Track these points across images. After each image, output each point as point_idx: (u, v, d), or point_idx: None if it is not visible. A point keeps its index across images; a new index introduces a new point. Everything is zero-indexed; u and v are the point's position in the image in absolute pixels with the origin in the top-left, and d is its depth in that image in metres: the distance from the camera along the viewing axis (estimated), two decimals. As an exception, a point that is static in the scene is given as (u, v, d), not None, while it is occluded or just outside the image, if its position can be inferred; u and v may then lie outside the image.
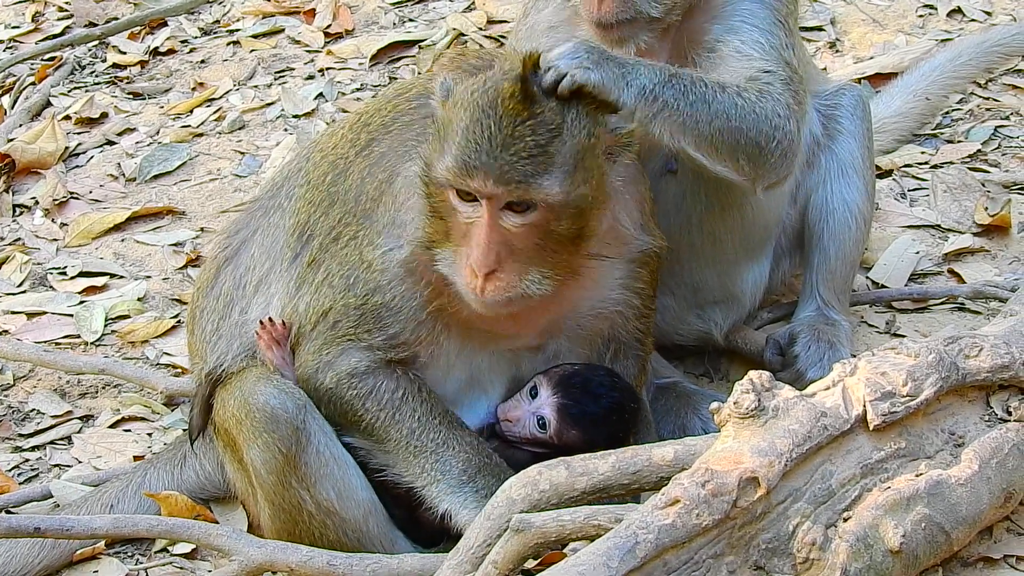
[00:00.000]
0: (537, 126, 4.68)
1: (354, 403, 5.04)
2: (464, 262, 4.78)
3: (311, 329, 5.10)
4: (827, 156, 5.91)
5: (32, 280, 7.14)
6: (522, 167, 4.65)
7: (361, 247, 5.02)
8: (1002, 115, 7.42)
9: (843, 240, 5.93)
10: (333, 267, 5.07)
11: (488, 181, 4.66)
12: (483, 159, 4.65)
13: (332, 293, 5.04)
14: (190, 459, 5.62)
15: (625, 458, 4.50)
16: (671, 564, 4.11)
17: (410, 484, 5.05)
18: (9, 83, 8.85)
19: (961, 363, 4.49)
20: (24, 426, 6.21)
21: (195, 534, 5.07)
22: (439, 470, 4.98)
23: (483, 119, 4.66)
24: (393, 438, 5.02)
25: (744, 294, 6.00)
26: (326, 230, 5.13)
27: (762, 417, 4.28)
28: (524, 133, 4.66)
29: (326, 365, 5.06)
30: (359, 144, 5.16)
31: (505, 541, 4.32)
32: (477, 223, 4.74)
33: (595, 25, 5.26)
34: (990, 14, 8.14)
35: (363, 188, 5.07)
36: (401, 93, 5.24)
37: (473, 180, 4.67)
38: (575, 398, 5.14)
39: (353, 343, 5.03)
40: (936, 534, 4.29)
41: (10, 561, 5.39)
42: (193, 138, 8.08)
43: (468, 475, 4.96)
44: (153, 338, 6.63)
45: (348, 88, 8.30)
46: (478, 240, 4.73)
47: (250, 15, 9.15)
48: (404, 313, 5.00)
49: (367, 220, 5.04)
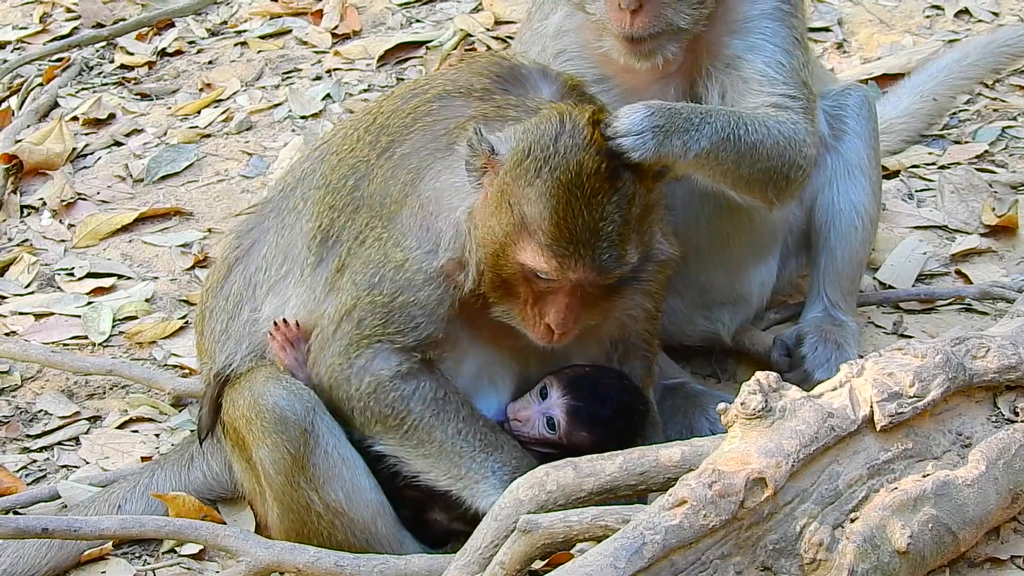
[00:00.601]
0: (621, 201, 4.73)
1: (396, 405, 5.01)
2: (534, 318, 4.87)
3: (334, 330, 5.06)
4: (833, 157, 5.91)
5: (40, 281, 7.14)
6: (615, 251, 4.72)
7: (386, 247, 5.01)
8: (1009, 116, 7.42)
9: (850, 241, 5.93)
10: (358, 266, 5.04)
11: (587, 272, 4.73)
12: (580, 251, 4.69)
13: (356, 291, 5.02)
14: (197, 460, 5.63)
15: (632, 459, 4.50)
16: (678, 565, 4.11)
17: (449, 487, 5.03)
18: (17, 84, 8.86)
19: (968, 364, 4.48)
20: (32, 427, 6.22)
21: (203, 535, 5.07)
22: (488, 468, 4.98)
23: (572, 203, 4.67)
24: (437, 439, 5.00)
25: (752, 295, 5.99)
26: (353, 235, 5.11)
27: (769, 418, 4.28)
28: (611, 212, 4.71)
29: (361, 369, 5.02)
30: (379, 147, 5.14)
31: (512, 542, 4.32)
32: (553, 294, 4.82)
33: (625, 39, 5.25)
34: (997, 15, 8.13)
35: (387, 191, 5.07)
36: (418, 94, 5.22)
37: (572, 272, 4.73)
38: (585, 400, 5.15)
39: (383, 344, 5.01)
40: (943, 535, 4.29)
41: (18, 562, 5.40)
42: (201, 139, 8.09)
43: (512, 473, 4.93)
44: (161, 339, 6.64)
45: (355, 89, 8.30)
46: (558, 308, 4.82)
47: (257, 16, 9.16)
48: (437, 313, 4.99)
49: (392, 222, 5.03)
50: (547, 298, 4.83)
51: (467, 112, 5.06)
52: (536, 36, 5.58)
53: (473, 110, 5.04)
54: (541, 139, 4.75)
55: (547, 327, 4.84)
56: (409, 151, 5.08)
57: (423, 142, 5.08)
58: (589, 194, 4.67)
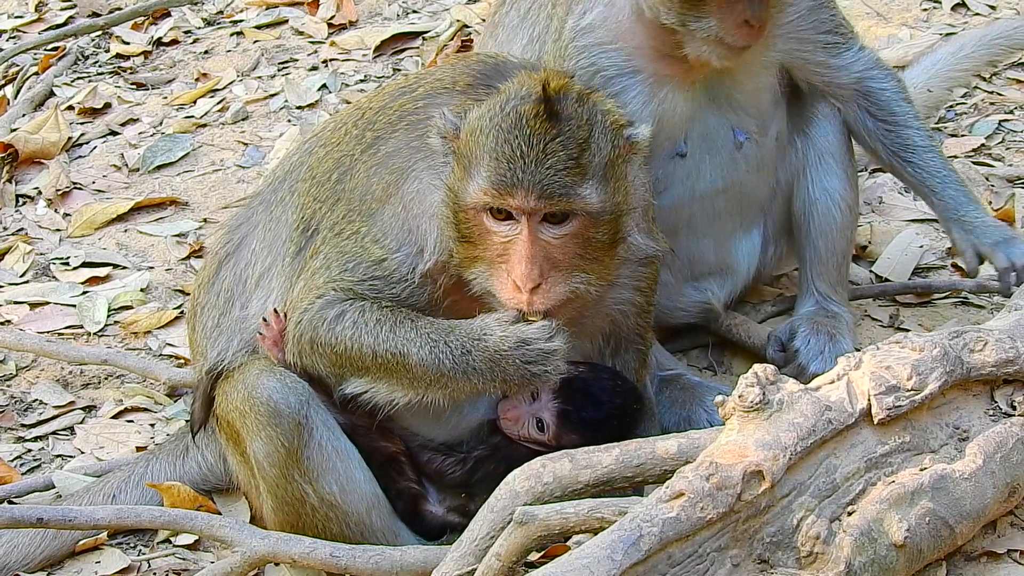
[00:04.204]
0: (567, 141, 4.71)
1: (328, 333, 4.99)
2: (505, 279, 4.81)
3: (300, 301, 5.08)
4: (803, 141, 5.95)
5: (35, 270, 7.14)
6: (560, 179, 4.70)
7: (364, 242, 5.01)
8: (1006, 109, 7.42)
9: (829, 231, 5.96)
10: (332, 255, 5.05)
11: (529, 196, 4.70)
12: (520, 175, 4.68)
13: (328, 274, 5.04)
14: (193, 450, 5.62)
15: (629, 451, 4.49)
16: (675, 557, 4.10)
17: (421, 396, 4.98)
18: (12, 73, 8.86)
19: (966, 357, 4.48)
20: (27, 416, 6.22)
21: (198, 525, 5.07)
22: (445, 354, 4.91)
23: (512, 140, 4.70)
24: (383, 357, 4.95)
25: (739, 264, 6.04)
26: (329, 225, 5.13)
27: (767, 410, 4.28)
28: (556, 149, 4.70)
29: (303, 312, 5.03)
30: (364, 142, 5.16)
31: (509, 533, 4.31)
32: (515, 240, 4.77)
33: (735, 48, 5.36)
34: (994, 8, 8.13)
35: (369, 187, 5.07)
36: (406, 92, 5.23)
37: (514, 198, 4.71)
38: (576, 404, 5.14)
39: (339, 287, 5.02)
40: (940, 528, 4.29)
41: (12, 551, 5.40)
42: (196, 129, 8.09)
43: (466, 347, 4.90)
44: (156, 329, 6.64)
45: (351, 79, 8.30)
46: (519, 256, 4.75)
47: (253, 6, 9.16)
48: (407, 303, 5.00)
49: (371, 218, 5.04)
50: (510, 252, 4.79)
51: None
52: (579, 49, 5.59)
53: (455, 106, 5.04)
54: (494, 106, 4.80)
55: (514, 285, 4.78)
56: (393, 149, 5.09)
57: (407, 140, 5.09)
58: (529, 133, 4.70)
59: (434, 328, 4.90)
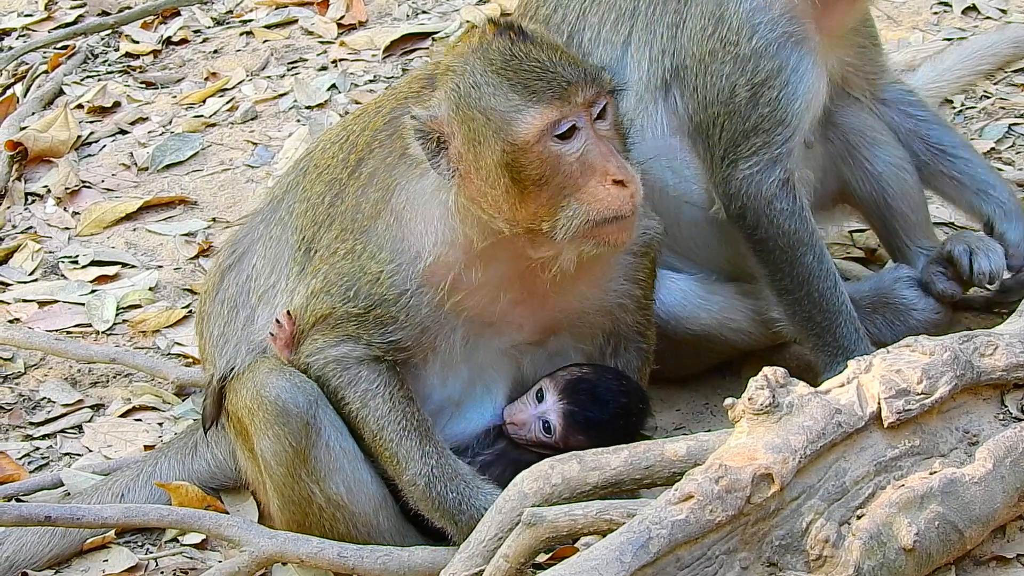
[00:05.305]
0: (553, 43, 4.90)
1: (337, 391, 5.08)
2: (592, 194, 4.79)
3: (310, 328, 5.11)
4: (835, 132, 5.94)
5: (44, 269, 7.15)
6: (582, 65, 4.86)
7: (360, 259, 5.04)
8: (1016, 113, 7.40)
9: (907, 193, 5.97)
10: (332, 277, 5.08)
11: (581, 88, 4.79)
12: (560, 77, 4.78)
13: (331, 300, 5.07)
14: (201, 448, 5.63)
15: (637, 453, 4.50)
16: (684, 560, 4.10)
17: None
18: (22, 71, 8.86)
19: (976, 361, 4.48)
20: (35, 415, 6.22)
21: (206, 524, 5.07)
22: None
23: (524, 62, 4.82)
24: (370, 428, 5.05)
25: None
26: (326, 243, 5.15)
27: (776, 413, 4.27)
28: (556, 46, 4.88)
29: (318, 351, 5.08)
30: (350, 165, 5.18)
31: (516, 535, 4.32)
32: (587, 150, 4.79)
33: None
34: (1005, 12, 8.11)
35: (359, 207, 5.10)
36: (378, 111, 5.24)
37: (575, 96, 4.78)
38: (581, 404, 5.14)
39: (351, 337, 5.06)
40: (949, 532, 4.29)
41: (20, 549, 5.40)
42: (205, 128, 8.09)
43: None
44: (164, 327, 6.64)
45: (361, 80, 8.30)
46: (603, 156, 4.80)
47: (263, 5, 9.16)
48: (410, 323, 5.02)
49: (365, 234, 5.06)
50: (585, 166, 4.80)
51: None
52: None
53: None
54: (468, 68, 4.86)
55: (614, 183, 4.79)
56: (374, 168, 5.11)
57: (383, 157, 5.10)
58: (528, 50, 4.82)
59: (439, 462, 5.02)
